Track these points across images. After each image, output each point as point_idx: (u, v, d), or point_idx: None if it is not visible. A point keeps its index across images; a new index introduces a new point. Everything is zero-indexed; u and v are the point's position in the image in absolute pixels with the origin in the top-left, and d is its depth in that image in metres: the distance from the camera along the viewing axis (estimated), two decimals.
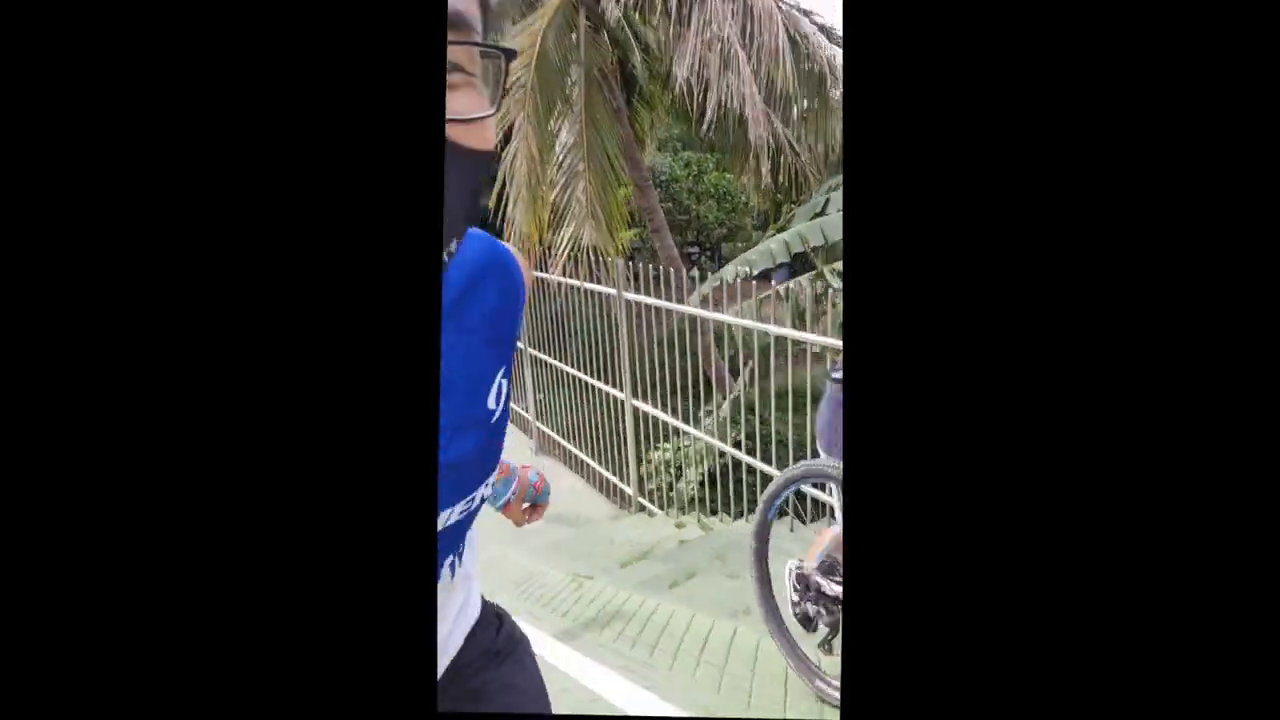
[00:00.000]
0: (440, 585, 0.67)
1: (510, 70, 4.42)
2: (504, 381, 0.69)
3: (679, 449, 4.33)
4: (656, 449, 4.32)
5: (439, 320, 0.55)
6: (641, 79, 6.59)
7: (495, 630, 0.82)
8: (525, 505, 1.03)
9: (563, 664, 2.24)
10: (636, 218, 6.80)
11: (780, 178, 6.02)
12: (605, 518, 4.49)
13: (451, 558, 0.70)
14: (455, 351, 0.62)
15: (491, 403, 0.67)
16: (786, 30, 4.67)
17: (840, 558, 2.26)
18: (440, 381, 0.60)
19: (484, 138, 0.58)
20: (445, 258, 0.57)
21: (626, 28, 5.41)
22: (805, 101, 5.21)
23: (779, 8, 4.72)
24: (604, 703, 2.02)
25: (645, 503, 4.31)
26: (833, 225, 5.10)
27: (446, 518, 0.63)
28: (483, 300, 0.67)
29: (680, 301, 4.14)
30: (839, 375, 2.21)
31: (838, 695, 1.94)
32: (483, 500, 0.69)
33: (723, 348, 4.81)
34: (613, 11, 5.01)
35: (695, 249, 11.19)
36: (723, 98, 4.75)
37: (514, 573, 3.11)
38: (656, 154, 9.68)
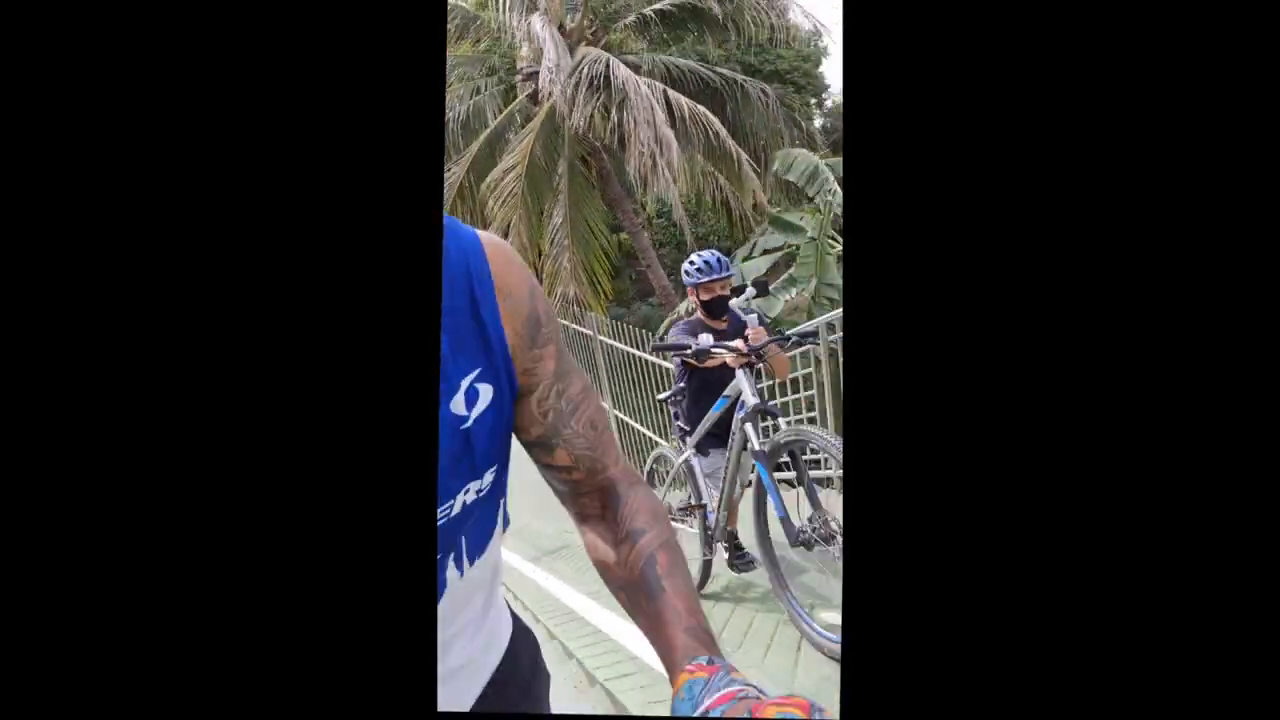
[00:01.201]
0: (445, 587, 0.65)
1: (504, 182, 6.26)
2: (480, 386, 0.62)
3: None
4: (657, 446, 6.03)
5: (438, 306, 0.49)
6: None
7: (529, 665, 0.78)
8: None
9: (533, 575, 4.00)
10: (638, 256, 8.58)
11: (735, 222, 7.75)
12: None
13: (447, 562, 0.65)
14: None
15: (460, 408, 0.61)
16: (693, 145, 6.45)
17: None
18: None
19: None
20: None
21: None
22: (718, 183, 6.94)
23: (688, 135, 6.46)
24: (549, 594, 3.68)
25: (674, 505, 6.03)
26: (752, 267, 6.77)
27: None
28: (450, 301, 0.60)
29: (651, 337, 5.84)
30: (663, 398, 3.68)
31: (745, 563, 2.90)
32: (466, 507, 0.64)
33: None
34: (579, 121, 6.80)
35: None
36: (655, 189, 6.56)
37: (533, 536, 4.74)
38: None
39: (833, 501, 2.78)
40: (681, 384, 3.15)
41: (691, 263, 3.05)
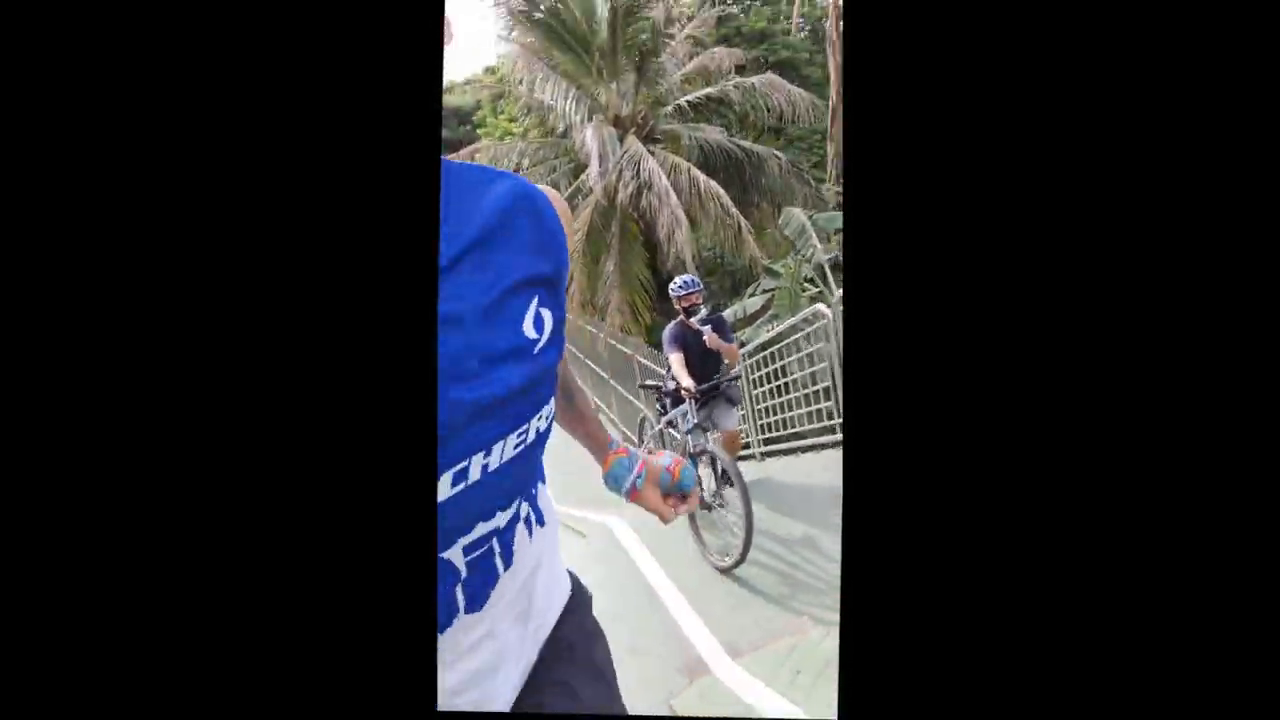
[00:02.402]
0: (518, 537, 0.70)
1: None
2: (544, 311, 0.69)
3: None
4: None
5: (434, 292, 0.51)
6: None
7: (580, 619, 0.83)
8: (670, 497, 0.96)
9: None
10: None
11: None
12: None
13: (522, 504, 0.71)
14: (480, 288, 0.64)
15: (529, 331, 0.67)
16: (708, 214, 8.81)
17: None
18: (468, 319, 0.62)
19: None
20: None
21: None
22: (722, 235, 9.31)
23: (704, 206, 8.81)
24: None
25: (651, 447, 8.29)
26: (752, 304, 8.99)
27: (500, 450, 0.63)
28: (511, 240, 0.68)
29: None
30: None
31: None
32: (539, 435, 0.69)
33: None
34: (623, 199, 9.26)
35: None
36: (675, 250, 8.93)
37: None
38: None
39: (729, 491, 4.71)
40: (664, 386, 4.56)
41: (674, 283, 4.34)
